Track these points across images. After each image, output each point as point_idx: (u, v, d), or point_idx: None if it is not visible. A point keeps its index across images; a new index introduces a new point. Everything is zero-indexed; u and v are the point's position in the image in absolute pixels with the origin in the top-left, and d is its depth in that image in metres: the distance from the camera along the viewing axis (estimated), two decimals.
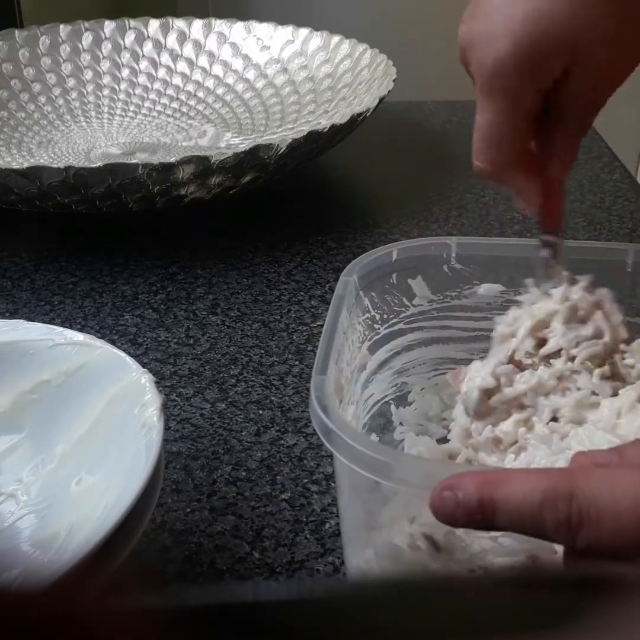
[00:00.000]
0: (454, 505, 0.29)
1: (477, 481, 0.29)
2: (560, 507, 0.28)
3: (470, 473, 0.30)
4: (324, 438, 0.35)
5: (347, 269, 0.45)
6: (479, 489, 0.29)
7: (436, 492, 0.30)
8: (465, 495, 0.29)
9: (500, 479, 0.29)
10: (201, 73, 0.97)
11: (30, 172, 0.64)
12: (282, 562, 0.43)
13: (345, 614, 0.19)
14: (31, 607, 0.17)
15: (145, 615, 0.18)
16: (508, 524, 0.29)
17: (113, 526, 0.32)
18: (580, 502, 0.27)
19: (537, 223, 0.47)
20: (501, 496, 0.29)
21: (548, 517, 0.28)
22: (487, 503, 0.29)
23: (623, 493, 0.27)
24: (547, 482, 0.28)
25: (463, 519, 0.29)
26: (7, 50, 0.94)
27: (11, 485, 0.42)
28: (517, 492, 0.28)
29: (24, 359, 0.44)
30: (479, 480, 0.29)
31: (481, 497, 0.29)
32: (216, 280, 0.68)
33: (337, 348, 0.39)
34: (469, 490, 0.29)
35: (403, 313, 0.48)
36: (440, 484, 0.30)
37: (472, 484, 0.29)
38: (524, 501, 0.28)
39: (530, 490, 0.28)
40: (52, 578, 0.26)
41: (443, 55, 1.68)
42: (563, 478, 0.28)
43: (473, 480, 0.29)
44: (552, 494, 0.28)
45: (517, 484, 0.29)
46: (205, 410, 0.54)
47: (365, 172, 0.91)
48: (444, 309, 0.49)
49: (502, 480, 0.29)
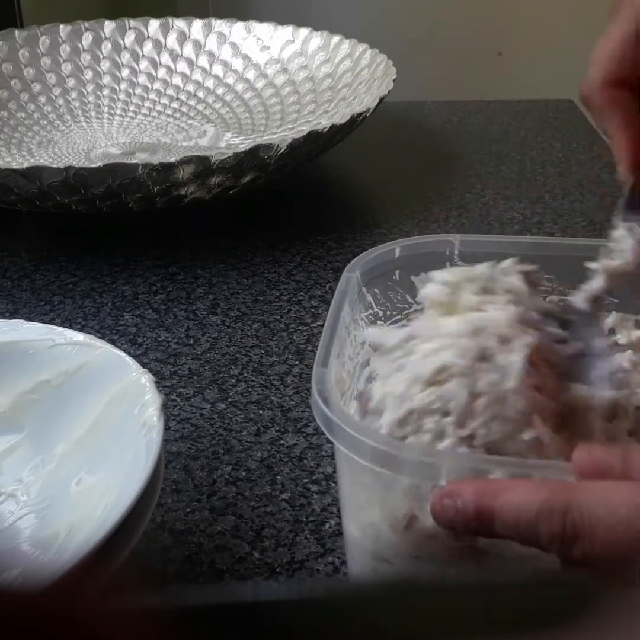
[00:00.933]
0: (453, 512, 0.31)
1: (475, 490, 0.30)
2: (554, 519, 0.28)
3: (470, 481, 0.31)
4: (325, 429, 0.35)
5: (351, 265, 0.45)
6: (477, 497, 0.30)
7: (437, 498, 0.31)
8: (464, 503, 0.30)
9: (499, 488, 0.30)
10: (201, 73, 0.97)
11: (30, 172, 0.64)
12: (282, 562, 0.43)
13: (345, 614, 0.19)
14: (31, 607, 0.17)
15: (145, 615, 0.18)
16: (505, 533, 0.30)
17: (113, 526, 0.32)
18: (574, 515, 0.28)
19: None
20: (499, 506, 0.30)
21: (543, 529, 0.29)
22: (485, 511, 0.30)
23: (616, 507, 0.28)
24: (544, 495, 0.29)
25: (462, 526, 0.31)
26: (7, 50, 0.94)
27: (11, 485, 0.42)
28: (514, 502, 0.29)
29: (24, 359, 0.44)
30: (478, 489, 0.30)
31: (479, 505, 0.30)
32: (216, 280, 0.68)
33: (338, 342, 0.39)
34: (468, 498, 0.30)
35: (406, 310, 0.48)
36: (441, 490, 0.31)
37: (471, 493, 0.30)
38: (521, 511, 0.29)
39: (527, 501, 0.29)
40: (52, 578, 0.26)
41: (443, 55, 1.69)
42: (560, 491, 0.29)
43: (472, 489, 0.30)
44: (547, 507, 0.29)
45: (515, 494, 0.30)
46: (205, 410, 0.54)
47: (365, 172, 0.91)
48: None
49: (501, 490, 0.30)
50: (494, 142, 0.95)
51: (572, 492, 0.29)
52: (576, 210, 0.78)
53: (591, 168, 0.88)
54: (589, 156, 0.90)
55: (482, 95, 1.10)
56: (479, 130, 0.99)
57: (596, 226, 0.75)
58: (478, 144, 0.95)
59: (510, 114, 1.04)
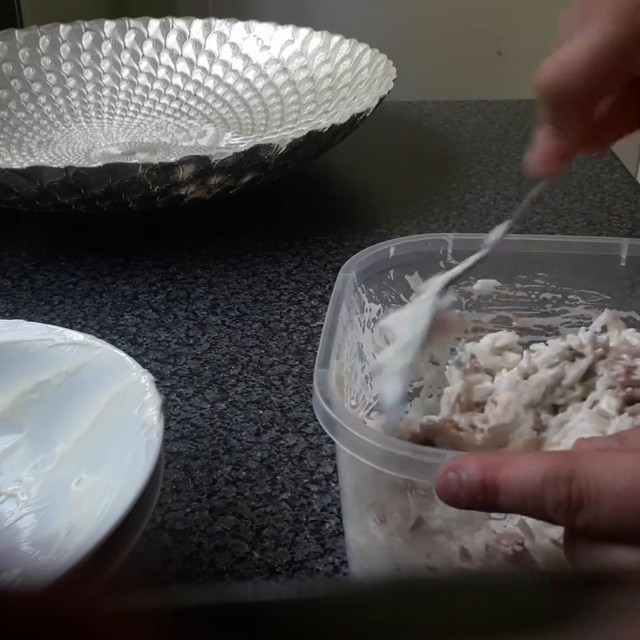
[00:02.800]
0: (457, 486, 0.30)
1: (480, 463, 0.30)
2: (560, 487, 0.28)
3: (475, 455, 0.31)
4: (328, 430, 0.35)
5: (346, 265, 0.46)
6: (482, 470, 0.29)
7: (441, 473, 0.30)
8: (469, 476, 0.30)
9: (504, 460, 0.30)
10: (201, 73, 0.97)
11: (30, 172, 0.64)
12: (282, 562, 0.43)
13: (345, 614, 0.19)
14: (31, 607, 0.17)
15: (145, 615, 0.18)
16: (510, 505, 0.29)
17: (113, 526, 0.32)
18: (580, 482, 0.28)
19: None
20: (503, 477, 0.29)
21: (548, 497, 0.28)
22: (490, 484, 0.29)
23: (623, 474, 0.28)
24: (549, 463, 0.29)
25: (466, 500, 0.30)
26: (7, 50, 0.94)
27: (11, 485, 0.42)
28: (519, 473, 0.29)
29: (24, 359, 0.44)
30: (483, 461, 0.30)
31: (484, 478, 0.29)
32: (216, 280, 0.68)
33: (337, 343, 0.40)
34: (473, 471, 0.30)
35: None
36: (445, 465, 0.30)
37: (476, 466, 0.30)
38: (526, 481, 0.29)
39: (532, 471, 0.29)
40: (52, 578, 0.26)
41: (443, 55, 1.69)
42: (565, 459, 0.29)
43: (477, 462, 0.30)
44: (552, 475, 0.28)
45: (519, 465, 0.29)
46: (205, 410, 0.54)
47: (365, 172, 0.91)
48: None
49: (505, 462, 0.30)
50: (494, 142, 0.95)
51: (577, 459, 0.29)
52: (576, 210, 0.78)
53: (591, 168, 0.88)
54: (589, 156, 0.90)
55: (482, 95, 1.10)
56: (479, 130, 0.99)
57: (596, 226, 0.76)
58: (478, 144, 0.95)
59: (510, 114, 1.04)
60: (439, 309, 0.40)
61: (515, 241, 0.48)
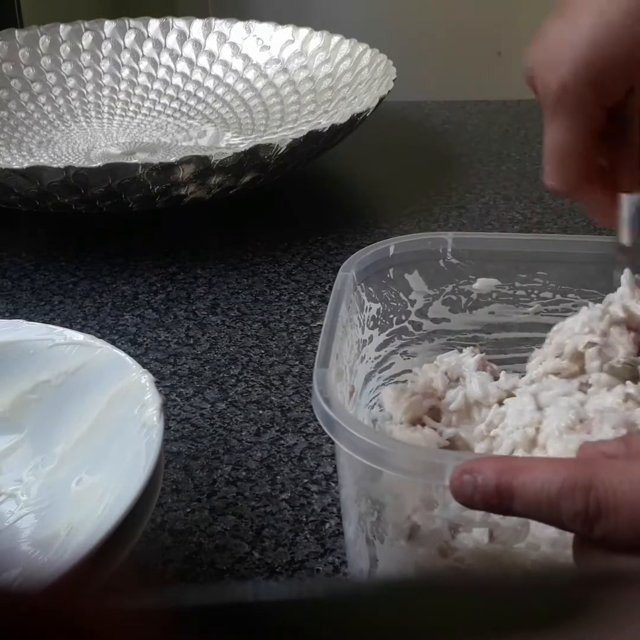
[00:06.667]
0: (472, 488, 0.30)
1: (496, 467, 0.30)
2: (577, 497, 0.28)
3: (491, 458, 0.31)
4: (328, 429, 0.35)
5: (345, 264, 0.46)
6: (497, 474, 0.29)
7: (456, 474, 0.30)
8: (484, 480, 0.30)
9: (520, 466, 0.30)
10: (201, 73, 0.97)
11: (30, 172, 0.64)
12: (282, 562, 0.43)
13: (345, 614, 0.19)
14: (31, 607, 0.17)
15: (145, 615, 0.18)
16: (525, 511, 0.29)
17: (113, 526, 0.32)
18: (599, 492, 0.28)
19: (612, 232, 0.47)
20: (519, 483, 0.29)
21: (564, 506, 0.28)
22: (505, 489, 0.29)
23: (639, 483, 0.27)
24: (566, 472, 0.29)
25: (480, 503, 0.30)
26: (7, 50, 0.94)
27: (11, 485, 0.42)
28: (536, 480, 0.29)
29: (24, 359, 0.44)
30: (499, 466, 0.30)
31: (499, 482, 0.29)
32: (216, 280, 0.68)
33: (337, 342, 0.40)
34: (488, 475, 0.30)
35: (400, 308, 0.49)
36: (460, 466, 0.30)
37: (492, 469, 0.30)
38: (542, 489, 0.28)
39: (549, 478, 0.29)
40: (52, 578, 0.26)
41: (443, 55, 1.69)
42: (581, 468, 0.29)
43: (493, 466, 0.30)
44: (569, 484, 0.28)
45: (536, 472, 0.29)
46: (205, 410, 0.54)
47: (365, 172, 0.91)
48: (440, 303, 0.49)
49: (522, 468, 0.29)
50: (494, 142, 0.95)
51: (594, 468, 0.29)
52: (576, 210, 0.78)
53: None
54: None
55: (482, 95, 1.10)
56: (479, 130, 0.99)
57: (596, 226, 0.75)
58: (478, 144, 0.95)
59: (510, 114, 1.04)
60: None
61: (516, 241, 0.48)
